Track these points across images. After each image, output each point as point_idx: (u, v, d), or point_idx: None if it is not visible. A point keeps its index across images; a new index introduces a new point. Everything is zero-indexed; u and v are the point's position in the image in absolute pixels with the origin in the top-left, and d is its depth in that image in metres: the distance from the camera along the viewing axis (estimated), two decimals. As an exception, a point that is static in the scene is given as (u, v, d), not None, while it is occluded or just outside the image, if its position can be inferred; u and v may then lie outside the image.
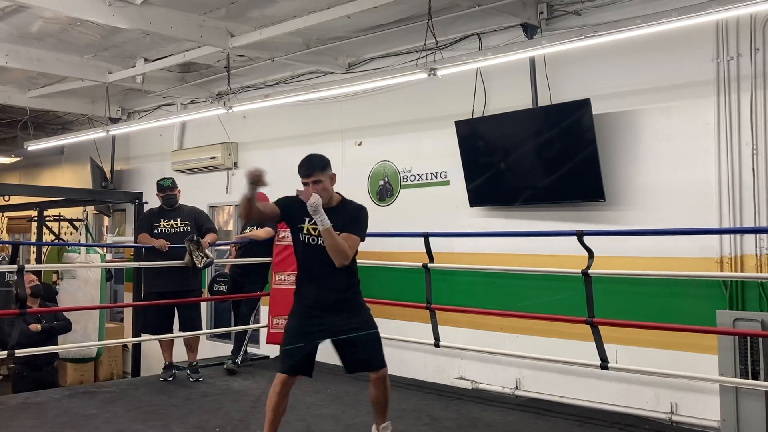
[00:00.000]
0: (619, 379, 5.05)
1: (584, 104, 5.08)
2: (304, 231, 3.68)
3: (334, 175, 3.74)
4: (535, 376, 5.59)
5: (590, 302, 4.60)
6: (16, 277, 5.28)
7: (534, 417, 4.85)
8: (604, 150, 5.13)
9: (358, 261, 3.80)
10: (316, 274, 3.69)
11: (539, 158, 5.55)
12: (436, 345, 5.56)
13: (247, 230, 6.52)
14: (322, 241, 3.57)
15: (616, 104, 5.19)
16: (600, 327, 4.58)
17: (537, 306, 5.37)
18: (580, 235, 4.65)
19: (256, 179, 3.42)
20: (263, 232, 6.34)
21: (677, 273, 4.72)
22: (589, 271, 4.61)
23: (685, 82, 4.89)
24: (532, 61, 5.49)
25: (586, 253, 4.67)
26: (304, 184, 3.64)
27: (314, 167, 3.64)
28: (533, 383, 5.60)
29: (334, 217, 3.56)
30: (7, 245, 9.49)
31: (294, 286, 6.20)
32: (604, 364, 4.60)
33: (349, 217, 3.67)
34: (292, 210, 3.71)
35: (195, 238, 5.77)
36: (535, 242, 5.54)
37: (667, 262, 4.83)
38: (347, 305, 3.72)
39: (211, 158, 8.45)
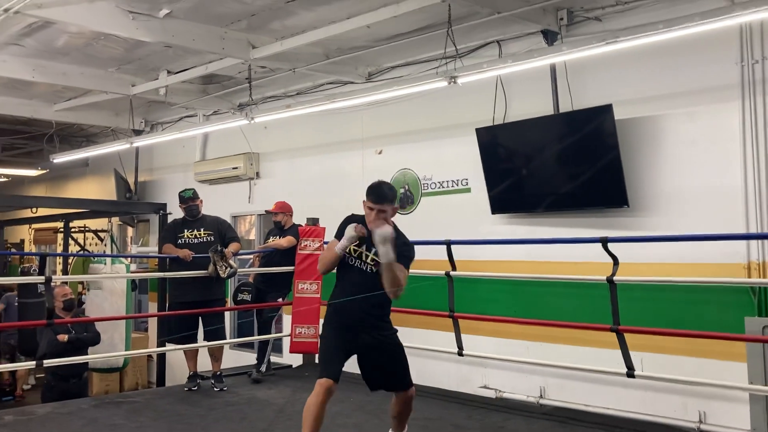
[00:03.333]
0: (645, 387, 4.98)
1: (606, 110, 5.05)
2: (353, 254, 3.71)
3: (397, 208, 3.81)
4: (559, 385, 5.54)
5: (615, 309, 4.55)
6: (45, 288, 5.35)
7: (559, 426, 4.81)
8: (627, 156, 5.09)
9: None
10: (360, 296, 3.71)
11: (561, 165, 5.52)
12: (460, 354, 5.53)
13: (270, 239, 6.55)
14: (371, 269, 3.66)
15: (638, 109, 5.15)
16: (625, 334, 4.53)
17: (561, 313, 5.33)
18: (604, 241, 4.61)
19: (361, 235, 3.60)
20: (285, 241, 6.37)
21: (704, 279, 4.66)
22: (614, 278, 4.56)
23: (709, 86, 4.84)
24: (552, 68, 5.47)
25: (610, 260, 4.63)
26: (370, 208, 3.67)
27: (386, 197, 3.68)
28: (558, 392, 5.55)
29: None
30: (35, 257, 9.63)
31: (317, 295, 6.28)
32: (630, 372, 4.54)
33: (398, 250, 3.61)
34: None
35: (219, 248, 5.81)
36: (558, 249, 5.50)
37: (693, 269, 4.77)
38: (382, 327, 3.80)
39: (234, 168, 8.53)
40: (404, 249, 3.68)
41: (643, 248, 4.98)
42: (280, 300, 6.53)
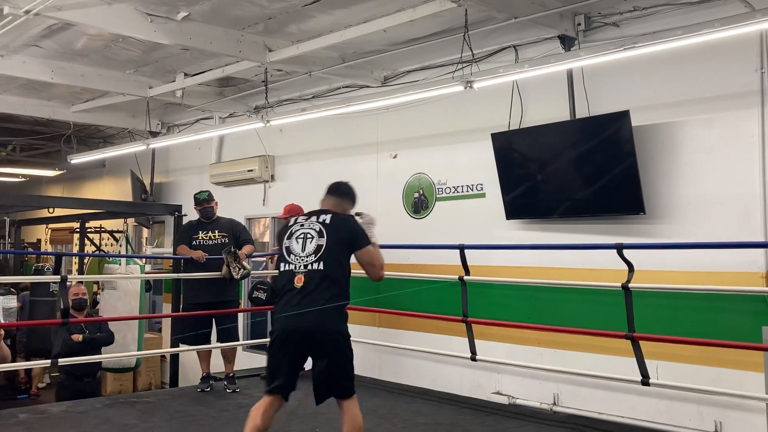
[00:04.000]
0: (660, 395, 4.93)
1: (623, 116, 5.02)
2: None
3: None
4: (573, 392, 5.50)
5: (630, 317, 4.52)
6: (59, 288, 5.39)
7: (572, 433, 4.77)
8: (644, 162, 5.05)
9: (393, 273, 3.85)
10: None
11: (577, 171, 5.49)
12: (473, 359, 5.52)
13: None
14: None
15: (656, 116, 5.11)
16: (641, 342, 4.50)
17: (576, 320, 5.29)
18: (619, 248, 4.58)
19: None
20: None
21: (721, 287, 4.60)
22: (630, 285, 4.53)
23: (728, 93, 4.79)
24: (569, 73, 5.45)
25: (625, 267, 4.60)
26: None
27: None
28: (571, 399, 5.51)
29: None
30: (50, 256, 9.70)
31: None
32: (645, 380, 4.51)
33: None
34: None
35: (232, 249, 5.83)
36: (573, 255, 5.47)
37: (709, 277, 4.72)
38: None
39: (249, 171, 8.55)
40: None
41: (659, 255, 4.94)
42: None
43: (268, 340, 6.74)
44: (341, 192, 4.02)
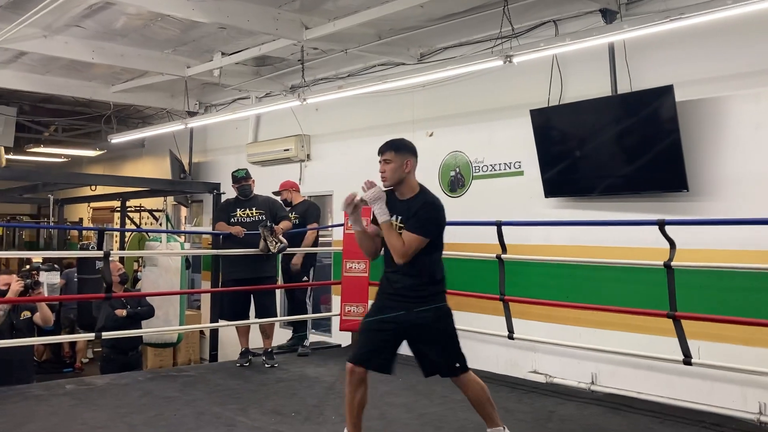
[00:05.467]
0: (702, 375, 4.85)
1: (667, 91, 4.89)
2: (373, 221, 3.60)
3: (411, 161, 3.57)
4: (611, 371, 5.44)
5: (672, 295, 4.45)
6: (103, 264, 5.50)
7: (611, 412, 4.73)
8: (688, 138, 4.93)
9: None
10: (386, 266, 3.60)
11: (618, 147, 5.38)
12: (510, 337, 5.49)
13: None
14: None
15: (700, 91, 4.97)
16: (682, 321, 4.42)
17: (615, 299, 5.22)
18: (661, 224, 4.50)
19: (354, 204, 3.47)
20: (311, 235, 6.69)
21: (766, 266, 4.48)
22: (672, 263, 4.45)
23: (777, 67, 4.64)
24: (611, 47, 5.33)
25: (666, 245, 4.52)
26: (379, 162, 3.59)
27: (389, 146, 3.57)
28: (610, 378, 5.45)
29: (403, 208, 3.49)
30: (94, 231, 9.91)
31: (365, 274, 6.36)
32: (687, 360, 4.44)
33: (413, 211, 3.47)
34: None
35: (268, 224, 5.89)
36: (613, 233, 5.38)
37: (755, 255, 4.60)
38: (415, 304, 3.48)
39: (285, 150, 8.60)
40: (419, 210, 3.47)
41: (702, 233, 4.83)
42: (306, 279, 6.77)
43: (306, 317, 6.87)
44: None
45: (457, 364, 3.59)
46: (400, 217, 3.50)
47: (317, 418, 4.47)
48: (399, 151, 3.56)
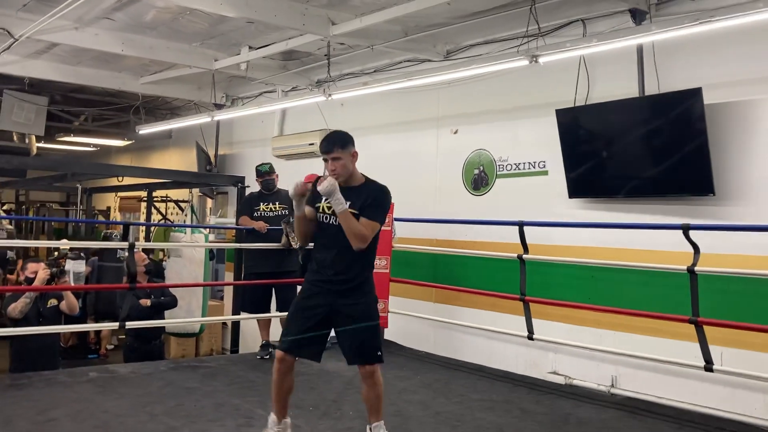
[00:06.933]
0: (723, 382, 4.79)
1: (695, 93, 4.83)
2: (320, 210, 3.68)
3: (356, 152, 3.68)
4: (632, 375, 5.40)
5: (695, 300, 4.40)
6: (127, 254, 5.59)
7: (630, 416, 4.70)
8: (716, 142, 4.86)
9: (450, 250, 3.76)
10: (328, 254, 3.67)
11: (645, 149, 5.33)
12: (530, 338, 5.48)
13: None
14: (336, 221, 3.56)
15: (730, 94, 4.90)
16: (705, 327, 4.37)
17: (637, 302, 5.18)
18: (686, 228, 4.45)
19: (302, 193, 3.56)
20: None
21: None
22: (695, 268, 4.40)
23: (810, 70, 4.55)
24: (639, 48, 5.27)
25: (691, 250, 4.47)
26: (324, 160, 3.65)
27: (334, 143, 3.63)
28: (630, 382, 5.41)
29: (353, 197, 3.56)
30: (119, 225, 10.05)
31: (386, 270, 6.36)
32: (709, 366, 4.39)
33: (369, 199, 3.60)
34: (312, 193, 3.68)
35: (291, 219, 5.93)
36: (636, 236, 5.34)
37: (782, 262, 4.54)
38: (352, 290, 3.67)
39: (310, 144, 8.62)
40: (374, 197, 3.61)
41: (727, 238, 4.77)
42: None
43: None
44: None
45: (379, 352, 3.73)
46: (350, 204, 3.56)
47: (335, 413, 4.50)
48: (345, 146, 3.65)
